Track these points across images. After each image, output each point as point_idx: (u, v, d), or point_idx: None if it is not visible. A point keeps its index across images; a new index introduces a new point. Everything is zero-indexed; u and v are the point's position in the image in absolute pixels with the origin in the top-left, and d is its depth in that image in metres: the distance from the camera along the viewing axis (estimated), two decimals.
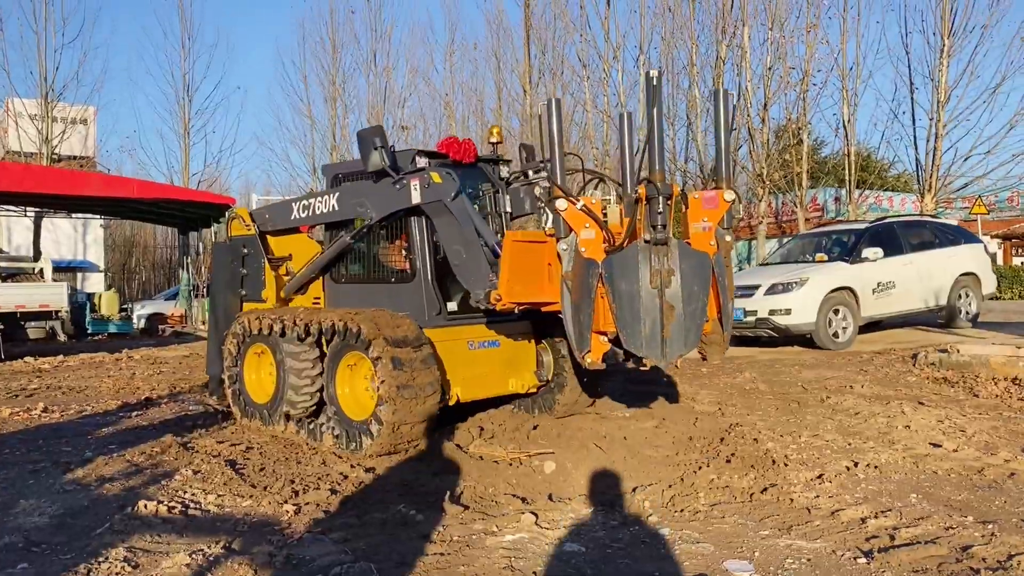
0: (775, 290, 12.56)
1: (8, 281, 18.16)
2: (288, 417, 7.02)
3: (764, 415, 7.68)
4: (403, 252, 6.99)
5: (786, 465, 5.75)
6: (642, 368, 5.36)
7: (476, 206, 6.76)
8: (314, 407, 6.84)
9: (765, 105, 22.74)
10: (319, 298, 7.62)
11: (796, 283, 12.45)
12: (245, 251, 8.07)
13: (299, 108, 32.56)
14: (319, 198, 7.36)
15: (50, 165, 26.86)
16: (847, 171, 23.59)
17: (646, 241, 4.91)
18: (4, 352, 15.73)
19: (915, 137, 22.40)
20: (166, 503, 5.01)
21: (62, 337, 17.40)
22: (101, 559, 4.08)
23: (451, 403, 6.57)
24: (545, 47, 26.48)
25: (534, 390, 7.36)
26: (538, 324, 7.16)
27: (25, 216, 24.55)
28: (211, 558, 4.08)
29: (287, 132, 34.74)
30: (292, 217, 7.67)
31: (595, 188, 5.72)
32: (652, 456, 6.10)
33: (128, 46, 53.72)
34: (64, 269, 25.00)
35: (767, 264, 15.10)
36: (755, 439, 6.51)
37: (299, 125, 32.35)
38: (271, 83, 61.07)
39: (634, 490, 5.29)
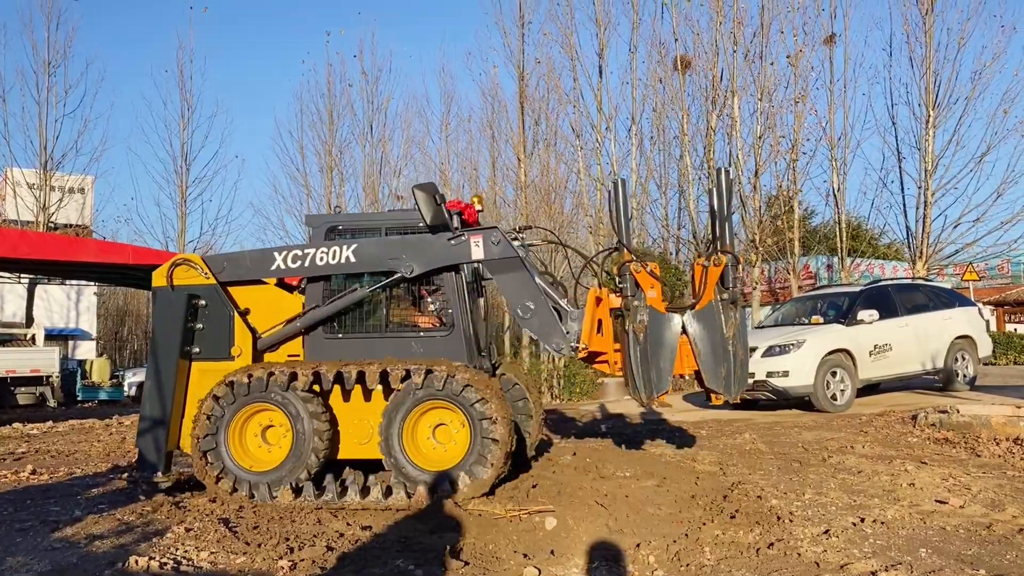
0: (772, 352, 12.54)
1: None
2: (295, 483, 6.68)
3: (766, 474, 7.57)
4: (430, 304, 7.27)
5: (791, 521, 5.65)
6: (713, 404, 7.04)
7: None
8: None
9: (756, 173, 23.09)
10: (297, 354, 7.22)
11: (793, 345, 12.44)
12: (202, 303, 7.27)
13: (295, 177, 32.87)
14: (322, 250, 7.09)
15: (48, 232, 26.93)
16: (838, 238, 23.84)
17: (723, 299, 6.69)
18: None
19: (904, 205, 22.74)
20: (158, 559, 4.87)
21: (52, 403, 17.18)
22: None
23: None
24: (539, 118, 26.97)
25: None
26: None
27: (19, 283, 24.52)
28: None
29: (283, 200, 35.13)
30: (273, 267, 7.19)
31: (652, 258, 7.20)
32: (655, 514, 5.99)
33: (128, 116, 54.69)
34: (56, 337, 24.87)
35: (763, 327, 15.10)
36: (759, 496, 6.41)
37: (295, 193, 32.60)
38: (268, 152, 62.00)
39: (638, 546, 5.17)
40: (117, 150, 60.66)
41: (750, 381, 12.66)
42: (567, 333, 6.84)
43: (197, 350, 7.26)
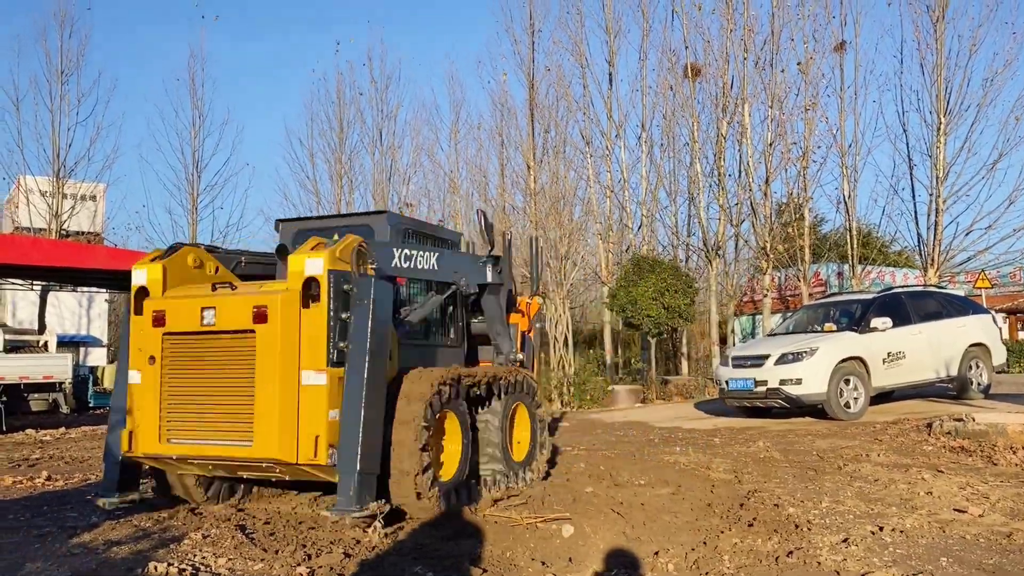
0: (785, 360, 12.49)
1: (12, 353, 18.11)
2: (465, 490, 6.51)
3: (782, 482, 7.54)
4: (451, 320, 7.73)
5: (809, 529, 5.62)
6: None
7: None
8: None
9: (767, 180, 23.05)
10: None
11: (806, 352, 12.39)
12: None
13: (305, 184, 32.91)
14: (421, 253, 6.87)
15: (60, 240, 27.07)
16: (849, 245, 23.76)
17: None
18: (5, 424, 15.60)
19: (915, 212, 22.64)
20: (176, 566, 4.88)
21: (65, 409, 17.26)
22: None
23: None
24: (548, 125, 26.98)
25: None
26: None
27: (31, 290, 24.63)
28: None
29: (293, 208, 35.08)
30: (392, 265, 6.52)
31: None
32: (672, 522, 5.96)
33: (139, 124, 55.03)
34: (68, 343, 24.96)
35: (775, 334, 15.05)
36: (775, 504, 6.38)
37: (305, 201, 32.56)
38: (278, 160, 62.27)
39: (656, 554, 5.15)
40: (129, 158, 61.21)
41: (762, 389, 12.65)
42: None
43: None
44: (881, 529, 5.60)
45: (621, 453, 9.51)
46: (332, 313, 5.60)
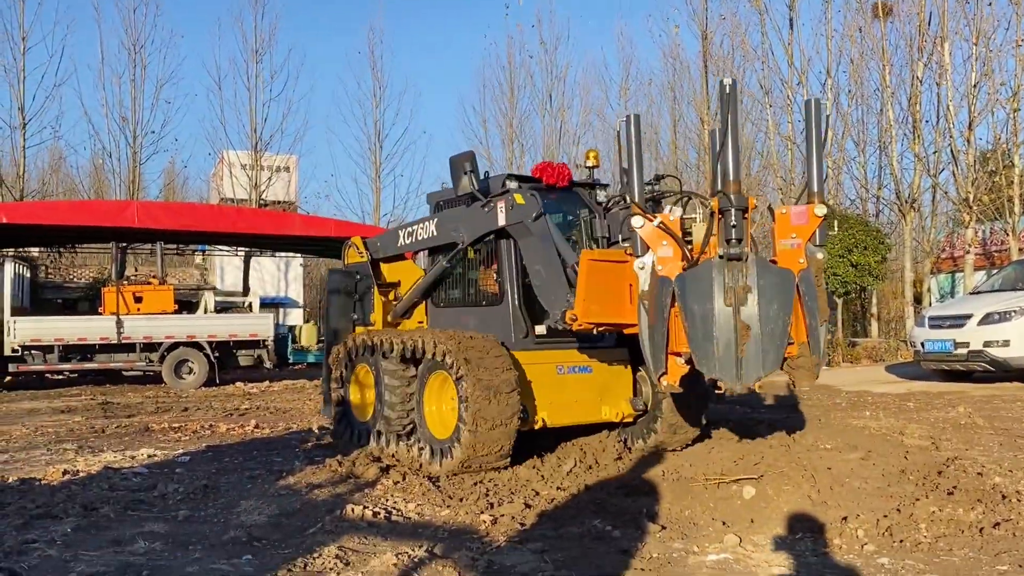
0: (991, 320, 11.50)
1: (222, 314, 19.84)
2: (380, 434, 7.18)
3: (986, 450, 6.99)
4: (493, 275, 6.98)
5: (1019, 500, 5.17)
6: (717, 391, 4.98)
7: (573, 231, 6.79)
8: (410, 424, 6.91)
9: (970, 125, 21.10)
10: (423, 321, 7.80)
11: (1016, 312, 11.35)
12: (358, 277, 8.29)
13: (478, 150, 33.64)
14: (421, 225, 7.52)
15: (260, 208, 29.28)
16: None
17: (720, 257, 4.66)
18: (218, 377, 17.19)
19: None
20: (371, 509, 5.22)
21: (268, 364, 18.73)
22: (315, 555, 4.29)
23: (536, 427, 6.45)
24: (724, 76, 26.07)
25: (630, 419, 6.92)
26: (637, 351, 6.51)
27: (236, 255, 26.81)
28: (416, 560, 4.19)
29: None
30: (399, 244, 7.87)
31: (680, 207, 5.48)
32: (861, 487, 5.67)
33: (326, 97, 58.16)
34: (268, 304, 27.01)
35: (979, 292, 13.87)
36: (979, 473, 5.92)
37: (479, 166, 33.43)
38: (453, 127, 64.05)
39: (844, 519, 4.93)
40: (317, 130, 64.80)
41: (963, 351, 11.73)
42: (568, 301, 5.89)
43: (356, 317, 8.26)
44: None
45: (805, 417, 9.14)
46: None
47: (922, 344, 12.58)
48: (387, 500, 5.52)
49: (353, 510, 5.18)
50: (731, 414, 9.23)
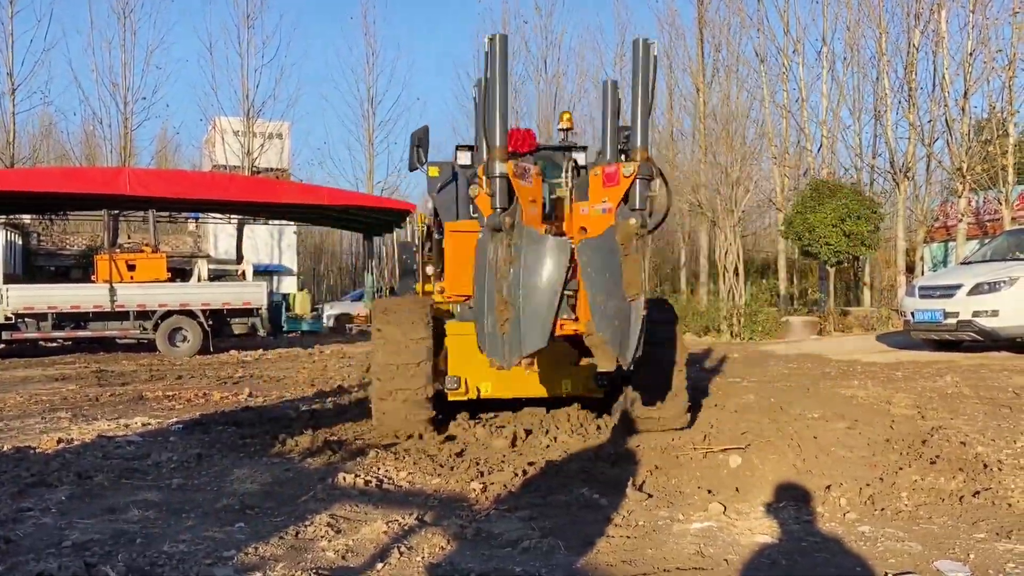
0: (980, 290, 11.58)
1: (215, 282, 19.85)
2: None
3: (970, 419, 7.08)
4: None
5: (1000, 470, 5.27)
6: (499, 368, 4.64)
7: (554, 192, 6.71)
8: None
9: (965, 94, 21.02)
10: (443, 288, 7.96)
11: (1005, 282, 11.42)
12: (415, 249, 8.49)
13: (473, 117, 33.55)
14: None
15: (253, 176, 29.16)
16: None
17: (490, 227, 4.41)
18: (212, 345, 17.25)
19: None
20: (362, 477, 5.29)
21: (262, 332, 18.79)
22: (307, 523, 4.36)
23: (472, 396, 6.53)
24: (719, 44, 25.86)
25: (584, 394, 6.80)
26: None
27: (229, 223, 26.74)
28: (406, 527, 4.26)
29: (462, 140, 36.01)
30: None
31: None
32: (846, 456, 5.76)
33: (318, 64, 57.78)
34: (262, 272, 27.01)
35: (969, 262, 13.94)
36: (962, 442, 6.02)
37: (473, 133, 33.30)
38: (447, 95, 63.43)
39: (828, 488, 5.02)
40: (310, 96, 64.38)
41: (952, 321, 11.81)
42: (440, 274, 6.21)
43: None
44: None
45: (793, 385, 9.23)
46: None
47: (912, 314, 12.66)
48: (379, 468, 5.59)
49: (345, 478, 5.25)
50: (718, 383, 9.33)
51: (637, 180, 4.35)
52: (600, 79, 31.04)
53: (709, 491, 5.01)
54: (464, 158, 7.14)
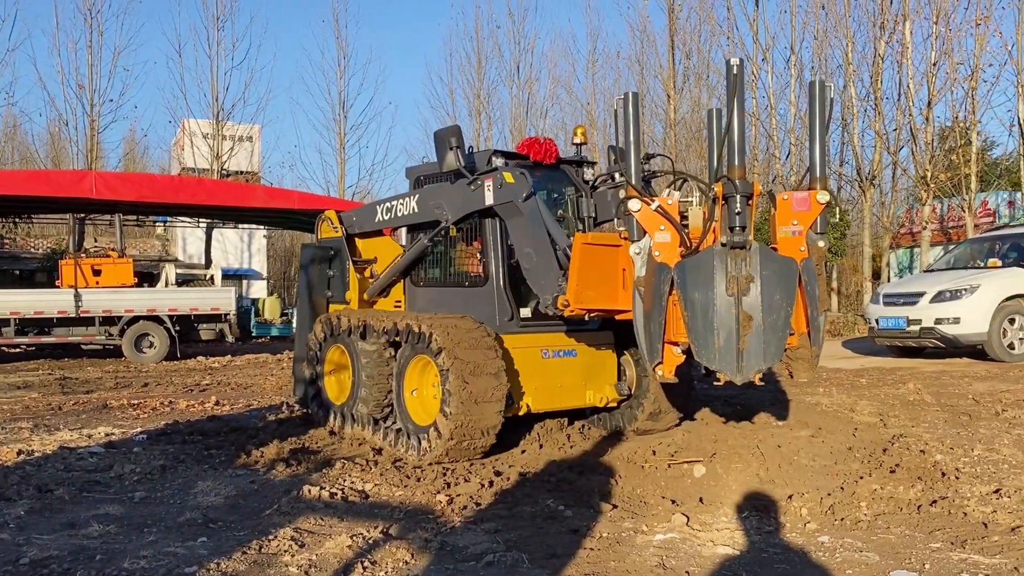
0: (942, 298, 11.79)
1: (183, 287, 19.62)
2: (355, 418, 7.08)
3: (931, 427, 7.21)
4: (477, 256, 6.73)
5: (957, 478, 5.38)
6: (716, 383, 4.78)
7: (559, 210, 6.75)
8: (388, 408, 6.83)
9: (929, 104, 21.40)
10: (400, 301, 7.57)
11: (966, 290, 11.65)
12: (332, 253, 8.09)
13: (445, 122, 33.44)
14: (401, 200, 7.31)
15: (220, 179, 28.89)
16: (1023, 172, 21.84)
17: (723, 244, 4.57)
18: (179, 351, 17.05)
19: None
20: (328, 489, 5.27)
21: (230, 338, 18.61)
22: (271, 537, 4.33)
23: (520, 413, 6.31)
24: (690, 51, 26.11)
25: (614, 404, 6.86)
26: (622, 335, 6.68)
27: (198, 227, 26.46)
28: (370, 541, 4.25)
29: (434, 146, 35.99)
30: (376, 219, 7.67)
31: (676, 189, 5.29)
32: (809, 465, 5.83)
33: (289, 67, 57.39)
34: (231, 276, 26.75)
35: (932, 270, 14.18)
36: (922, 451, 6.13)
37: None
38: (419, 98, 63.48)
39: (790, 497, 5.08)
40: (280, 99, 63.92)
41: (915, 328, 12.01)
42: (560, 286, 5.64)
43: (331, 294, 8.11)
44: None
45: (760, 393, 9.33)
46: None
47: (876, 321, 12.86)
48: (344, 480, 5.57)
49: (310, 491, 5.22)
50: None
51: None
52: (572, 85, 31.22)
53: (673, 501, 5.06)
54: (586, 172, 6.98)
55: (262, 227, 30.13)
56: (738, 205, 4.62)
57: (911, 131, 21.76)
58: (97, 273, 17.44)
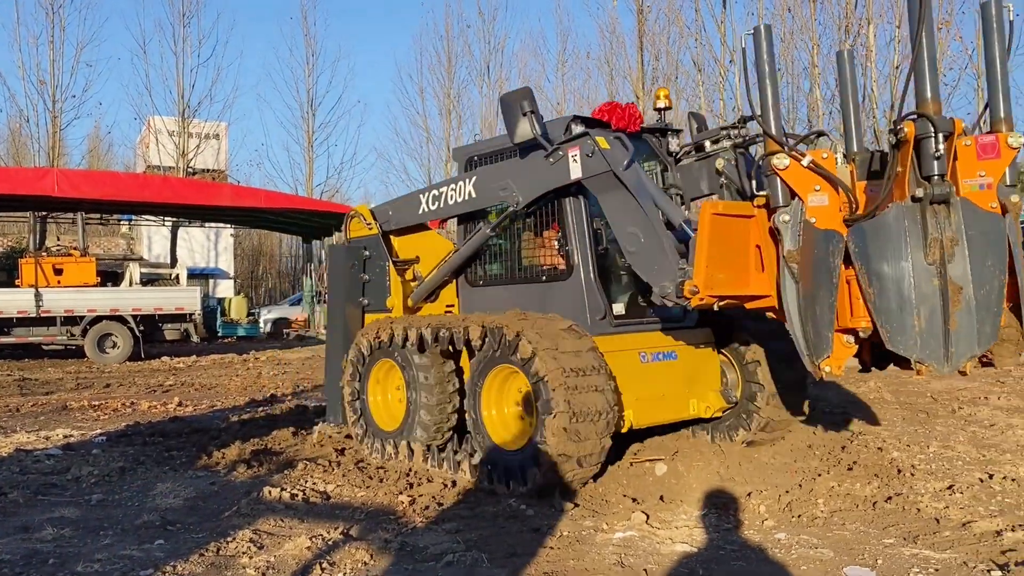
0: None
1: (148, 286, 19.37)
2: (425, 448, 5.94)
3: (889, 425, 7.33)
4: (555, 244, 5.74)
5: (912, 475, 5.48)
6: (917, 376, 4.02)
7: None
8: (451, 433, 6.05)
9: (892, 107, 21.72)
10: (452, 305, 6.59)
11: None
12: (367, 254, 6.95)
13: (415, 121, 33.47)
14: (452, 185, 6.20)
15: (187, 178, 28.57)
16: None
17: (915, 199, 3.65)
18: (143, 351, 16.83)
19: None
20: (288, 490, 5.23)
21: (195, 338, 18.43)
22: (229, 539, 4.30)
23: (623, 430, 5.36)
24: (659, 53, 26.26)
25: (719, 414, 6.03)
26: (720, 331, 6.02)
27: (163, 226, 26.14)
28: (330, 543, 4.23)
29: (404, 144, 35.79)
30: (420, 211, 6.56)
31: (813, 145, 4.44)
32: (769, 463, 5.91)
33: (257, 64, 56.90)
34: (198, 276, 26.44)
35: None
36: (879, 448, 6.23)
37: (415, 137, 33.24)
38: (389, 97, 63.41)
39: (749, 495, 5.14)
40: (248, 97, 63.31)
41: None
42: (681, 271, 4.56)
43: (367, 302, 7.00)
44: (991, 476, 5.39)
45: None
46: None
47: None
48: (306, 481, 5.54)
49: (271, 492, 5.18)
50: None
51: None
52: (543, 85, 31.26)
53: (634, 499, 5.09)
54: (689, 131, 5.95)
55: (229, 226, 29.85)
56: (937, 147, 3.67)
57: (875, 133, 22.06)
58: (59, 272, 17.18)
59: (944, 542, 4.17)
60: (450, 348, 5.76)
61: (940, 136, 3.64)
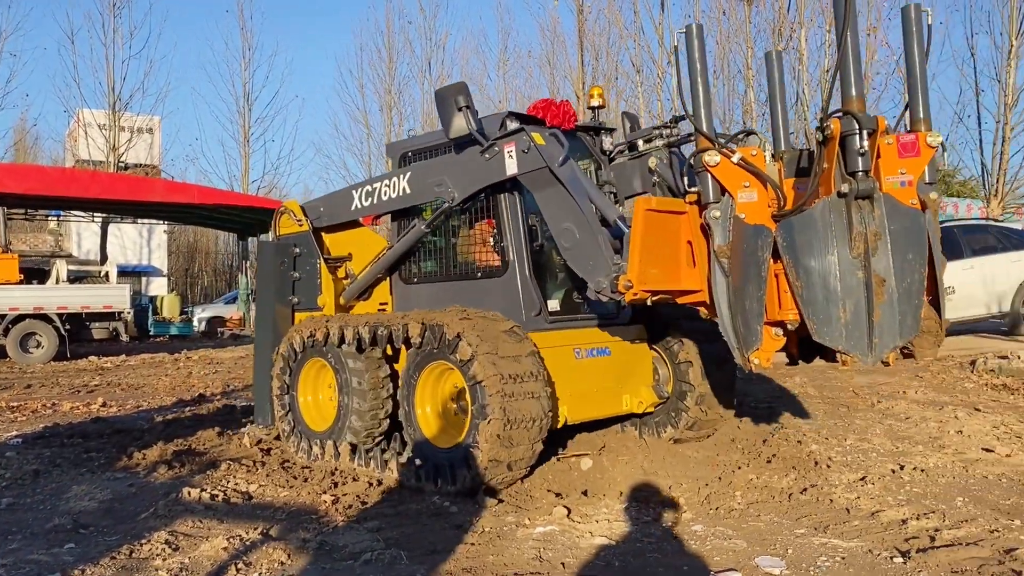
0: None
1: (75, 284, 18.80)
2: (352, 448, 5.84)
3: (811, 419, 7.53)
4: (491, 241, 5.70)
5: (828, 467, 5.64)
6: (842, 367, 4.07)
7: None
8: (382, 434, 5.97)
9: (824, 108, 22.31)
10: (386, 303, 6.54)
11: None
12: (297, 251, 6.81)
13: (356, 116, 33.13)
14: (385, 181, 6.13)
15: (117, 173, 27.78)
16: None
17: (840, 194, 3.77)
18: (69, 351, 16.34)
19: (980, 141, 21.83)
20: (209, 491, 5.15)
21: (125, 338, 17.97)
22: (143, 541, 4.21)
23: (559, 426, 5.39)
24: (599, 53, 26.51)
25: (651, 409, 6.11)
26: (653, 327, 6.09)
27: (93, 222, 25.41)
28: (248, 543, 4.18)
29: (344, 140, 35.44)
30: (353, 207, 6.47)
31: (743, 143, 4.54)
32: (692, 456, 6.02)
33: (191, 57, 55.61)
34: (129, 273, 25.80)
35: None
36: (799, 441, 6.39)
37: (356, 133, 32.91)
38: (329, 92, 62.78)
39: (670, 488, 5.24)
40: (181, 91, 62.06)
41: None
42: (615, 266, 4.62)
43: (297, 300, 6.86)
44: (902, 468, 5.59)
45: None
46: None
47: None
48: (228, 482, 5.46)
49: (191, 493, 5.09)
50: None
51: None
52: (484, 83, 31.26)
53: (558, 494, 5.14)
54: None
55: (162, 222, 29.16)
56: (862, 144, 3.75)
57: (806, 135, 22.61)
58: None
59: (852, 531, 4.31)
60: (388, 349, 5.74)
61: (864, 133, 3.76)
